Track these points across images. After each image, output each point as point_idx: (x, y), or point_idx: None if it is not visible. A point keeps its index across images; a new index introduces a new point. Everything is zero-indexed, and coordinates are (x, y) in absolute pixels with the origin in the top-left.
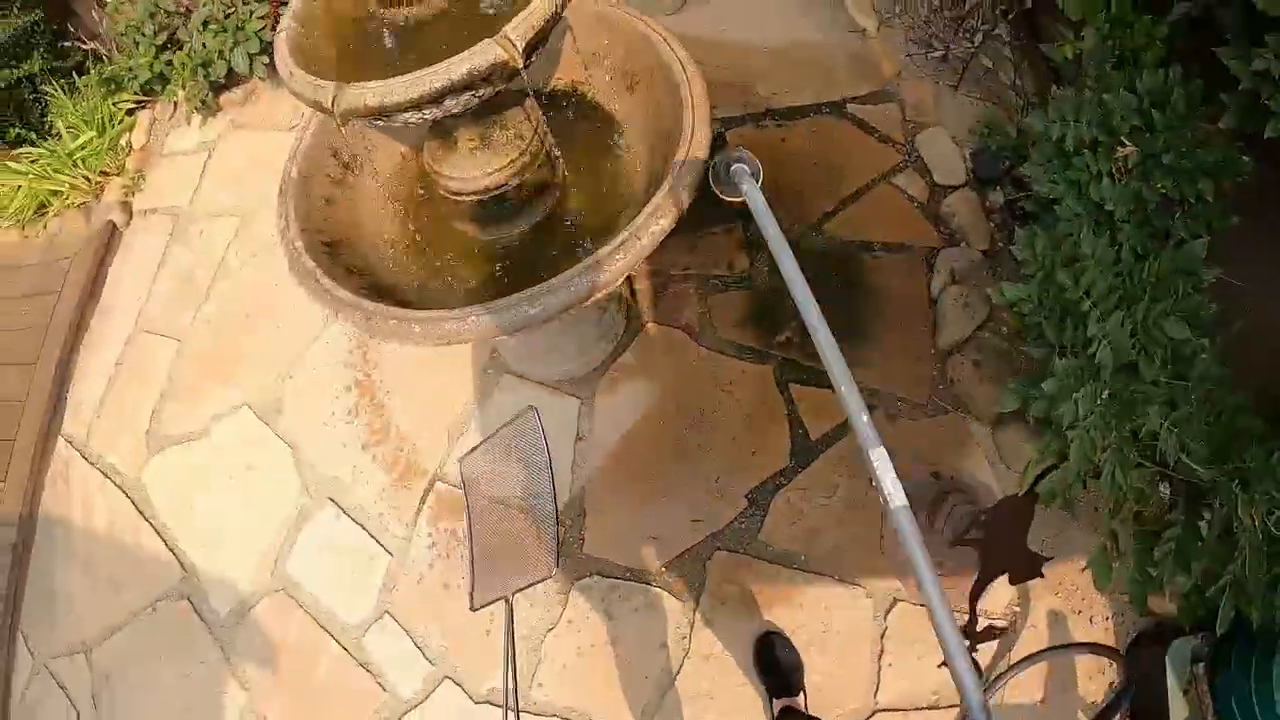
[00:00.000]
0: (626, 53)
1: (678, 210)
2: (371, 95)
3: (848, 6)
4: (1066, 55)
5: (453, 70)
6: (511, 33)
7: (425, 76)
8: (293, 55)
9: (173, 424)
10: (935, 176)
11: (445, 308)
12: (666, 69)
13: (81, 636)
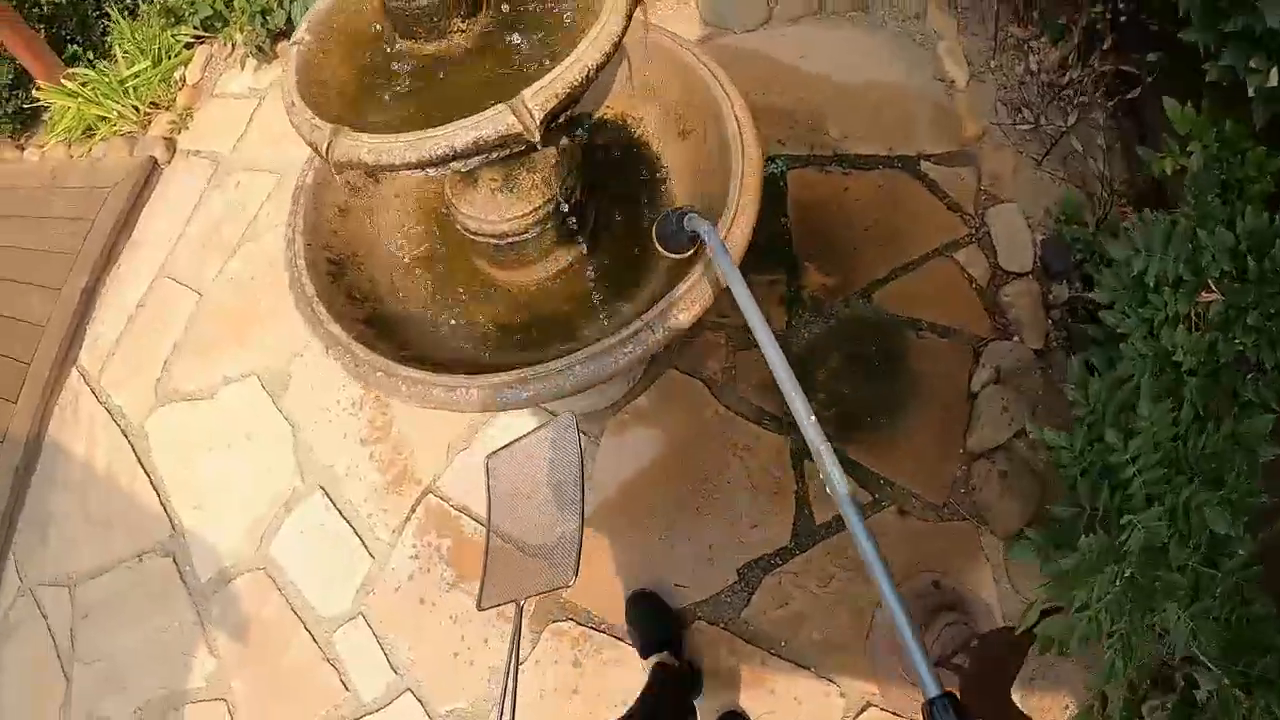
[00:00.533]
0: (684, 94)
1: (703, 305)
2: (368, 151)
3: (939, 52)
4: (1165, 170)
5: (456, 138)
6: (530, 99)
7: (426, 141)
8: (299, 74)
9: (183, 378)
10: (1000, 258)
11: (439, 362)
12: (722, 129)
13: (68, 570)
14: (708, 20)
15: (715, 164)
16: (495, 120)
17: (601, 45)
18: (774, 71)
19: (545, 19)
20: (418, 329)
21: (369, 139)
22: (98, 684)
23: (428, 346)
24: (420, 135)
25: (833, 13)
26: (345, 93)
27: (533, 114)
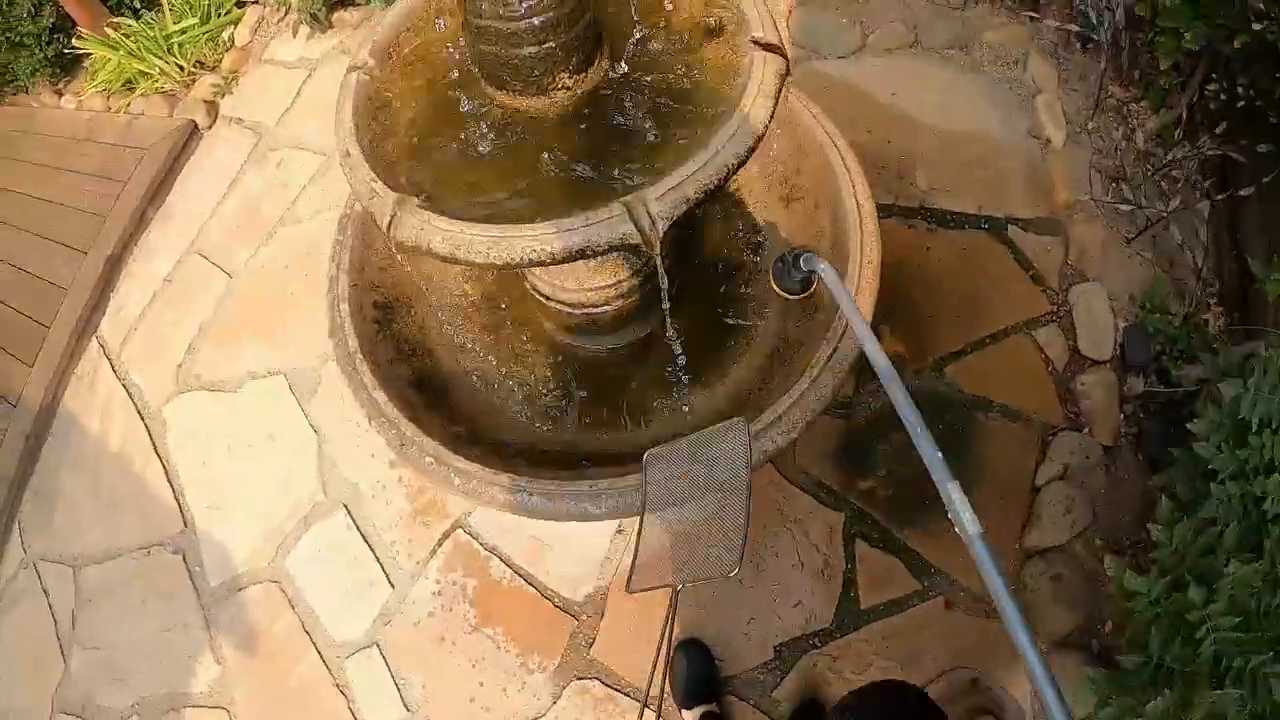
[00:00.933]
0: (795, 155)
1: (805, 422)
2: (441, 240)
3: (1037, 105)
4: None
5: (556, 242)
6: (654, 203)
7: (518, 241)
8: (357, 112)
9: (206, 366)
10: (1080, 342)
11: (496, 442)
12: (837, 201)
13: (74, 549)
14: (798, 41)
15: (825, 242)
16: (610, 226)
17: (743, 140)
18: (863, 106)
19: (672, 87)
20: (473, 393)
21: (444, 225)
22: (96, 672)
23: (480, 413)
24: (509, 232)
25: (929, 48)
26: (411, 141)
27: (655, 222)
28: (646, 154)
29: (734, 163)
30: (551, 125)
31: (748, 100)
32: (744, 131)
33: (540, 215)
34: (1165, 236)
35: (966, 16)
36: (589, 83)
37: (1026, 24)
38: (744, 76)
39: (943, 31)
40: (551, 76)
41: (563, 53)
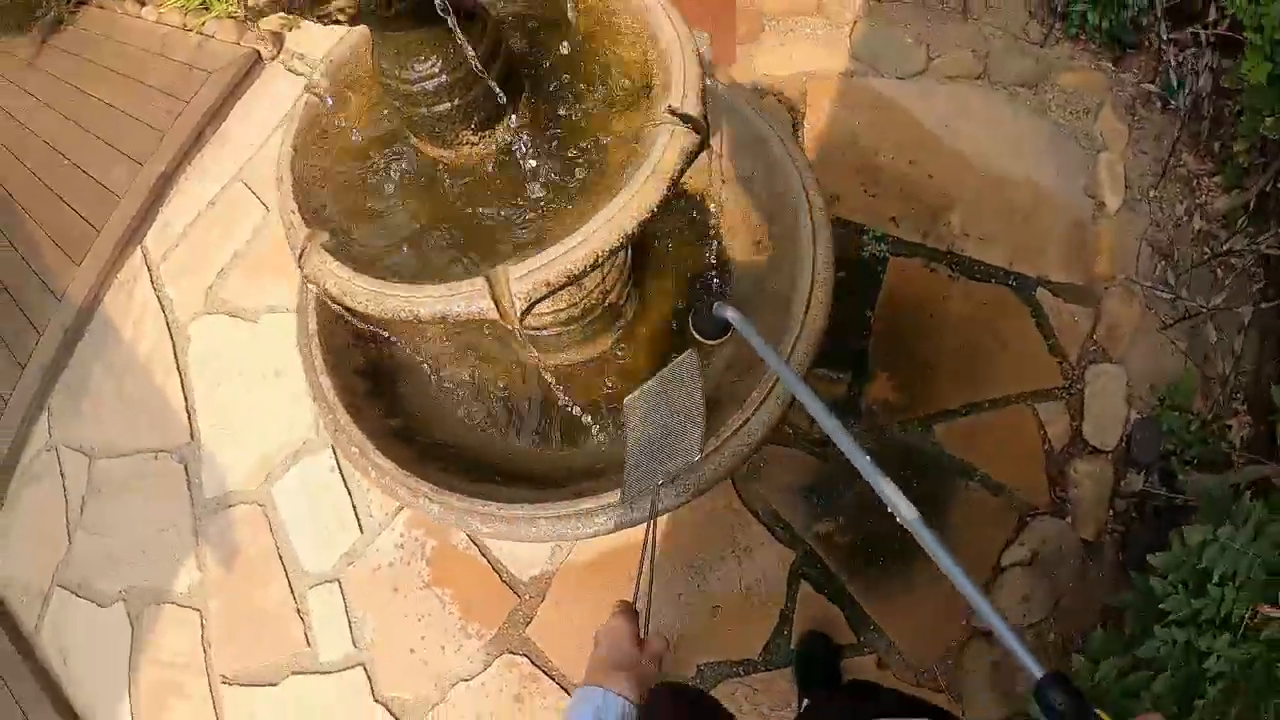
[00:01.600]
0: (769, 198)
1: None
2: (333, 283)
3: (1099, 163)
4: None
5: (421, 306)
6: (515, 280)
7: (388, 298)
8: (299, 136)
9: (232, 292)
10: (1085, 425)
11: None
12: (796, 238)
13: (92, 441)
14: (858, 54)
15: (783, 279)
16: (469, 300)
17: (618, 227)
18: (912, 133)
19: (580, 153)
20: (420, 386)
21: (334, 270)
22: (95, 556)
23: (424, 410)
24: (383, 289)
25: (996, 82)
26: (348, 174)
27: (514, 300)
28: (533, 222)
29: (604, 249)
30: (458, 176)
31: (635, 184)
32: (621, 217)
33: (422, 271)
34: (1203, 331)
35: (1043, 54)
36: (495, 139)
37: (1106, 74)
38: (644, 153)
39: (1014, 66)
40: (454, 133)
41: (460, 114)
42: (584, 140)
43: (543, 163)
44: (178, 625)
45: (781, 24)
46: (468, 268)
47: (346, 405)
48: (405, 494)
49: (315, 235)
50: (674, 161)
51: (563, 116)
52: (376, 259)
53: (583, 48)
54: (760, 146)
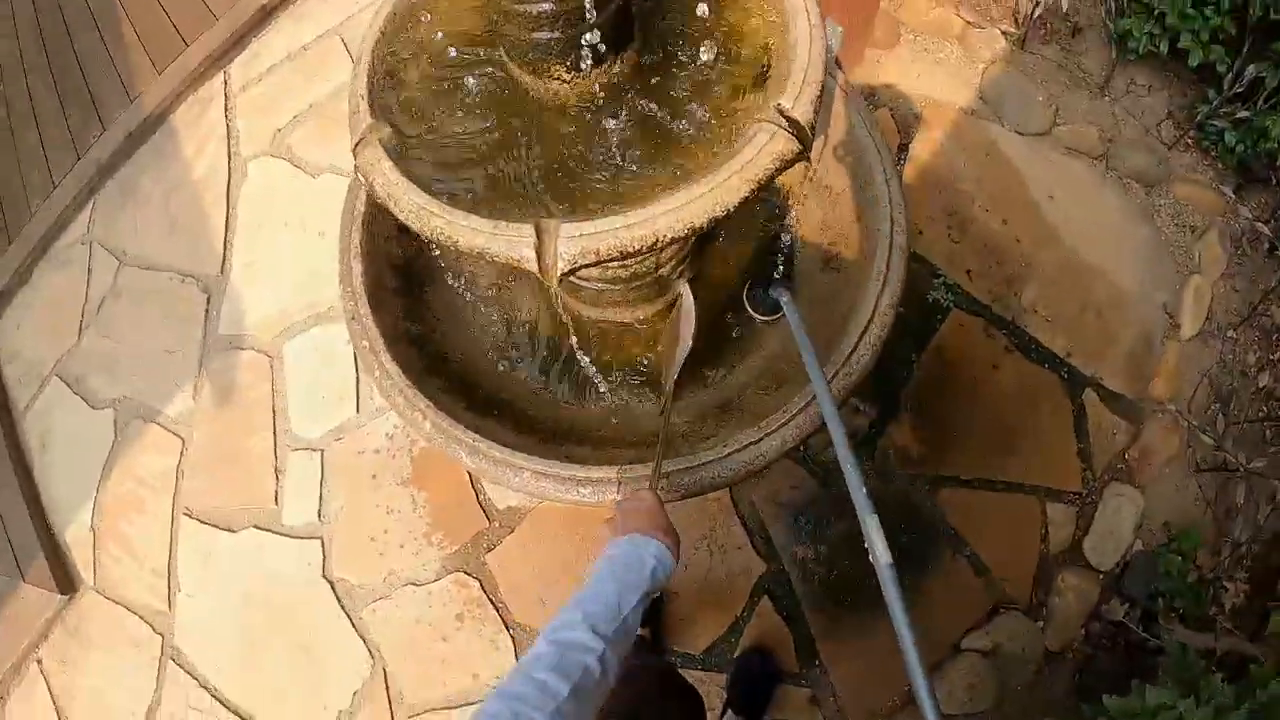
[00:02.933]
0: (851, 220)
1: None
2: (380, 183)
3: (1188, 287)
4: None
5: (462, 235)
6: (564, 241)
7: (431, 217)
8: (387, 24)
9: (299, 142)
10: (1087, 539)
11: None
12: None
13: (126, 246)
14: (985, 96)
15: (842, 307)
16: (511, 242)
17: (691, 215)
18: (1014, 192)
19: (674, 119)
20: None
21: (387, 170)
22: (98, 357)
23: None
24: (428, 205)
25: (1114, 168)
26: (429, 76)
27: (558, 258)
28: (602, 181)
29: (665, 235)
30: (540, 109)
31: (718, 177)
32: (692, 208)
33: (475, 196)
34: (1233, 489)
35: (1169, 157)
36: (590, 84)
37: (1224, 198)
38: (740, 146)
39: (1136, 160)
40: (548, 65)
41: (559, 46)
42: (680, 112)
43: (630, 122)
44: (158, 446)
45: (919, 41)
46: (521, 208)
47: (370, 296)
48: (401, 403)
49: (377, 128)
50: (766, 166)
51: (665, 81)
52: (431, 171)
53: (708, 15)
54: (859, 164)
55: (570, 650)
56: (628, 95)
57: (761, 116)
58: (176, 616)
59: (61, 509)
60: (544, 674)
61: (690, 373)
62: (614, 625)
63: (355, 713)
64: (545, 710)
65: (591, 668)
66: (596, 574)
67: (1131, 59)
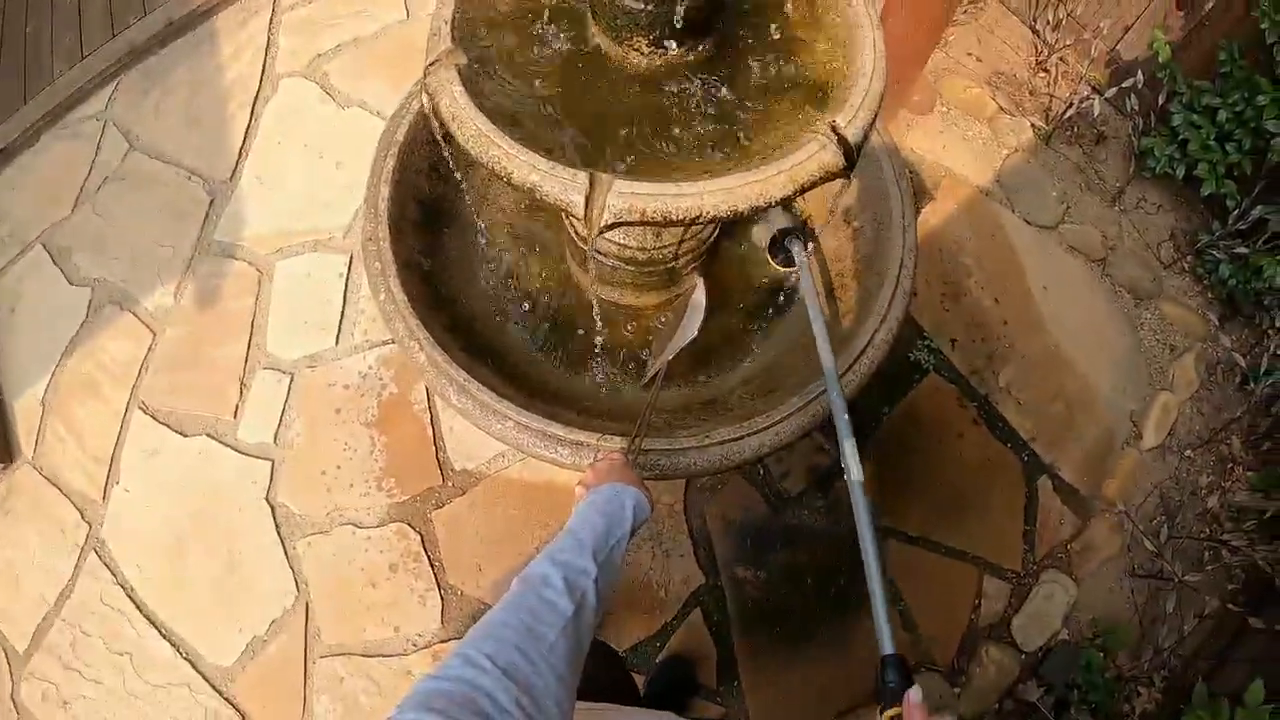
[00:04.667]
0: (861, 259)
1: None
2: (446, 104)
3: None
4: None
5: (518, 170)
6: (614, 195)
7: (490, 147)
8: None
9: (335, 71)
10: (1016, 619)
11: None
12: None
13: (140, 131)
14: (1001, 180)
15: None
16: (562, 185)
17: (734, 199)
18: (1010, 277)
19: (741, 112)
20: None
21: (457, 92)
22: (88, 234)
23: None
24: (490, 134)
25: (1109, 274)
26: (513, 17)
27: (605, 209)
28: (656, 152)
29: (707, 212)
30: (613, 73)
31: (765, 171)
32: (738, 194)
33: (533, 136)
34: (1164, 599)
35: (1163, 276)
36: (665, 62)
37: (1208, 325)
38: (791, 149)
39: (1132, 272)
40: (631, 34)
41: (646, 19)
42: (741, 107)
43: (694, 104)
44: (128, 335)
45: (951, 114)
46: (575, 157)
47: (391, 222)
48: (401, 329)
49: (454, 53)
50: (811, 171)
51: (734, 77)
52: (497, 106)
53: (783, 30)
54: (881, 205)
55: (573, 573)
56: (697, 80)
57: (816, 129)
58: (108, 509)
59: (15, 377)
60: (553, 593)
61: (684, 369)
62: (604, 554)
63: (269, 641)
64: (556, 627)
65: (589, 592)
66: (580, 513)
67: (1147, 176)
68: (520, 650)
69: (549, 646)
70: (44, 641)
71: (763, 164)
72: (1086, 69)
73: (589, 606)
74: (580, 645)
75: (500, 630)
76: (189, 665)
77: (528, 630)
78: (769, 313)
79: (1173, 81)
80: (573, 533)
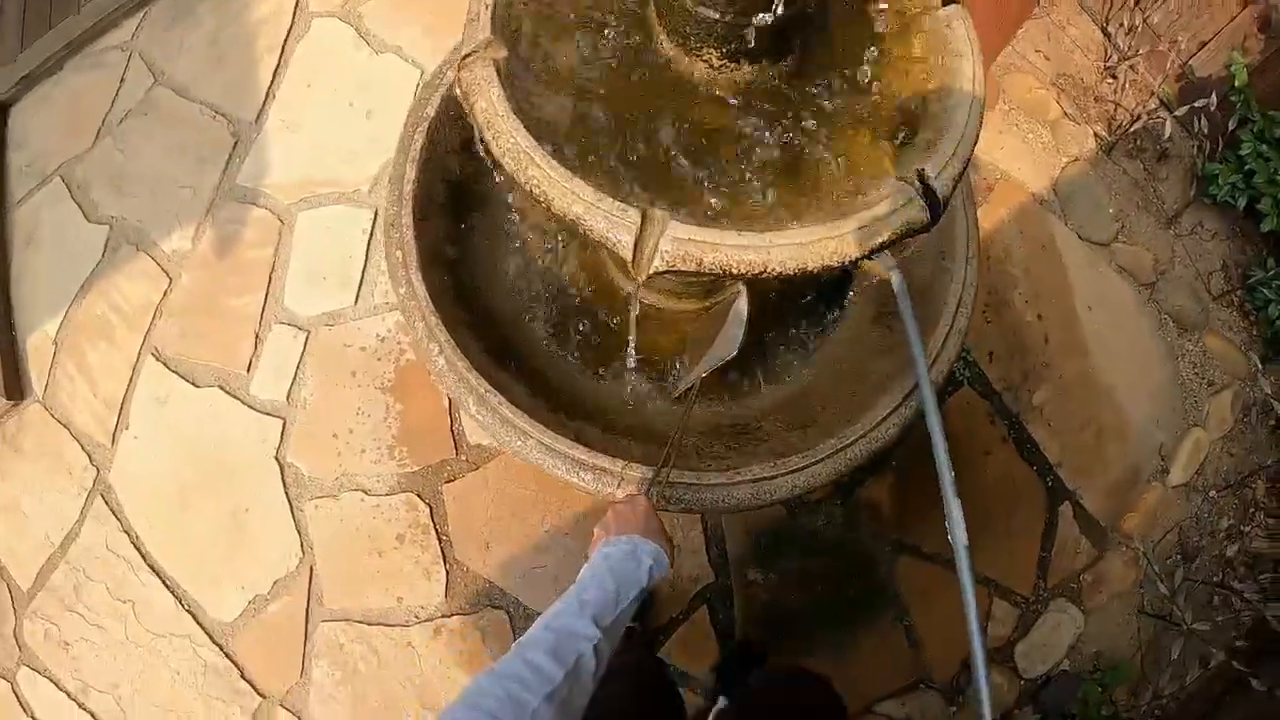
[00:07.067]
0: (915, 272)
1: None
2: (482, 107)
3: (1188, 438)
4: None
5: (562, 200)
6: (668, 239)
7: (529, 166)
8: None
9: (372, 15)
10: (1020, 644)
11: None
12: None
13: (165, 67)
14: (1058, 189)
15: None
16: (610, 221)
17: (804, 258)
18: (1057, 293)
19: (815, 146)
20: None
21: (496, 97)
22: (108, 170)
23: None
24: (529, 151)
25: (1157, 299)
26: (566, 13)
27: (657, 254)
28: (719, 184)
29: (774, 270)
30: (676, 86)
31: (841, 228)
32: (809, 251)
33: (577, 149)
34: (1169, 642)
35: (1211, 307)
36: (734, 79)
37: (1250, 364)
38: (872, 200)
39: (1180, 300)
40: (701, 44)
41: (720, 30)
42: (817, 139)
43: (766, 131)
44: (145, 278)
45: (1013, 114)
46: (620, 184)
47: (417, 206)
48: (421, 329)
49: (494, 45)
50: (895, 228)
51: (812, 103)
52: (536, 111)
53: (874, 56)
54: (945, 233)
55: (567, 637)
56: (771, 103)
57: (901, 175)
58: (116, 454)
59: (29, 312)
60: (540, 658)
61: (715, 385)
62: (611, 617)
63: (271, 600)
64: (539, 693)
65: (586, 655)
66: (593, 569)
67: (1207, 202)
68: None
69: (530, 713)
70: (48, 582)
71: (839, 217)
72: (1158, 82)
73: (585, 670)
74: (570, 713)
75: (479, 699)
76: (190, 618)
77: (509, 698)
78: (816, 330)
79: (1246, 107)
80: (578, 594)
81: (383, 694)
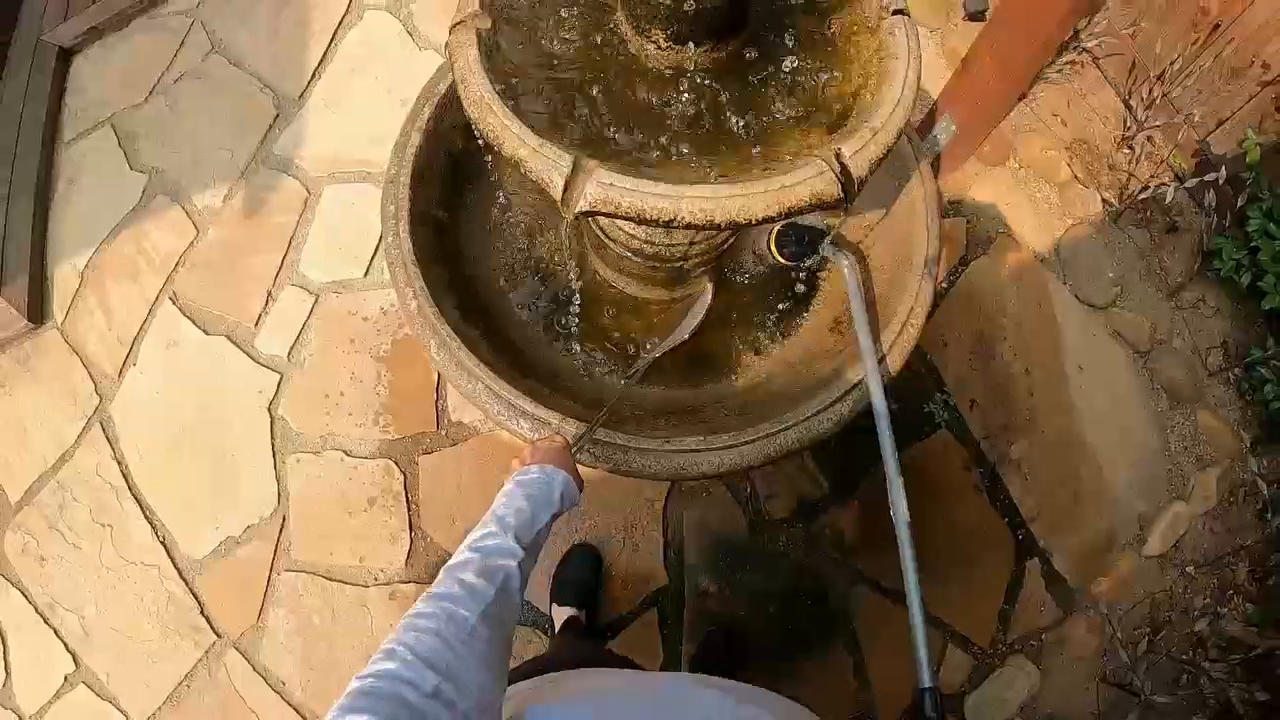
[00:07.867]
0: (874, 286)
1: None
2: (462, 63)
3: (1169, 510)
4: None
5: (507, 144)
6: (595, 182)
7: (491, 114)
8: None
9: (421, 13)
10: (971, 696)
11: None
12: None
13: (224, 36)
14: (1059, 249)
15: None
16: (548, 164)
17: (712, 211)
18: (1047, 350)
19: (748, 122)
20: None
21: (471, 56)
22: (155, 124)
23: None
24: (489, 100)
25: (1151, 368)
26: None
27: (583, 196)
28: (654, 144)
29: (684, 218)
30: (628, 61)
31: (753, 186)
32: (722, 206)
33: (540, 114)
34: (1127, 710)
35: (1206, 383)
36: (678, 59)
37: (1241, 444)
38: (783, 170)
39: (1173, 373)
40: (650, 25)
41: (666, 13)
42: (749, 118)
43: (698, 107)
44: (174, 228)
45: (1021, 171)
46: (567, 140)
47: (415, 169)
48: (400, 276)
49: (480, 17)
50: (800, 195)
51: (750, 85)
52: (508, 74)
53: (819, 47)
54: (907, 249)
55: (492, 555)
56: (709, 83)
57: (818, 154)
58: (122, 387)
59: (60, 244)
60: (471, 577)
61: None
62: (530, 537)
63: (242, 543)
64: (475, 610)
65: (512, 572)
66: (509, 494)
67: (1211, 276)
68: (440, 636)
69: (469, 631)
70: (35, 499)
71: (751, 179)
72: (1171, 154)
73: (511, 587)
74: (504, 627)
75: (419, 621)
76: (163, 549)
77: (447, 617)
78: (779, 332)
79: (1257, 185)
80: (497, 517)
81: (330, 651)
